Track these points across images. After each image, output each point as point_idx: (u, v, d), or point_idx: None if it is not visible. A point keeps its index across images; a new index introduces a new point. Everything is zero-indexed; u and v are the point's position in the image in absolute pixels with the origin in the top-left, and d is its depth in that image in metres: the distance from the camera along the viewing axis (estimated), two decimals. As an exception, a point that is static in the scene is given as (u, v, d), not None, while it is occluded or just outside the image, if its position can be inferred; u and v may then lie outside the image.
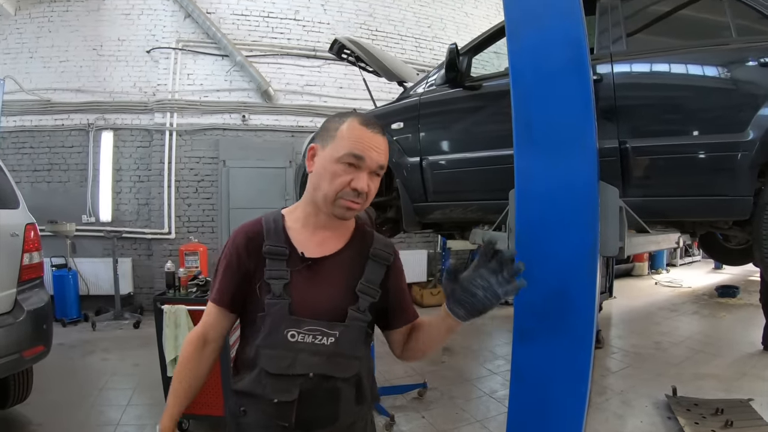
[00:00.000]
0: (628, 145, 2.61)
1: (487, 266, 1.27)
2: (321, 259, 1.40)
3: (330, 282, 1.39)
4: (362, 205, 1.37)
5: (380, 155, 1.35)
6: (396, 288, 1.49)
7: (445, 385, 4.83)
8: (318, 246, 1.41)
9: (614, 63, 2.74)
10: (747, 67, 2.49)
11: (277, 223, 1.43)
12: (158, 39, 8.01)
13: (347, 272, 1.41)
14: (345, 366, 1.37)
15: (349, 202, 1.34)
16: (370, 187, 1.35)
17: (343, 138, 1.34)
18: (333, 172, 1.33)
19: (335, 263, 1.41)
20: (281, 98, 8.40)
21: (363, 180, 1.33)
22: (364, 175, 1.33)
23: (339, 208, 1.35)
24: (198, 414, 3.71)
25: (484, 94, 3.22)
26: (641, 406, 4.26)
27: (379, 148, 1.35)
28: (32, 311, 3.45)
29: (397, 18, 9.14)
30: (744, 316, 7.49)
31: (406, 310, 1.53)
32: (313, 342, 1.33)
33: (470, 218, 3.44)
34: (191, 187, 8.04)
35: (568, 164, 1.91)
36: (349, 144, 1.32)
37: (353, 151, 1.32)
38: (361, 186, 1.32)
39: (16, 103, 7.65)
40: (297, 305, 1.34)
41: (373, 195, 1.39)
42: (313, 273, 1.38)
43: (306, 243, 1.41)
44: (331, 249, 1.43)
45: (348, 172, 1.32)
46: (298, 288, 1.36)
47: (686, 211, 2.66)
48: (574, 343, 1.89)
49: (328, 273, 1.40)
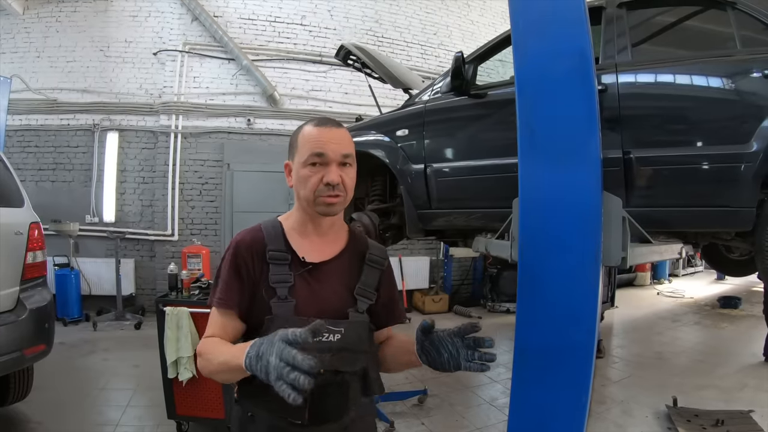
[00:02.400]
0: (632, 156, 2.61)
1: (463, 340, 1.40)
2: (321, 263, 1.46)
3: (330, 285, 1.45)
4: (343, 197, 1.43)
5: (340, 145, 1.41)
6: (387, 291, 1.57)
7: (445, 393, 4.82)
8: (317, 251, 1.48)
9: (619, 73, 2.74)
10: (751, 79, 2.49)
11: (277, 230, 1.48)
12: (165, 41, 8.07)
13: (345, 276, 1.49)
14: (352, 360, 1.41)
15: (327, 198, 1.40)
16: (342, 178, 1.41)
17: (303, 143, 1.43)
18: (304, 176, 1.41)
19: (334, 267, 1.48)
20: (287, 103, 8.43)
21: (332, 173, 1.39)
22: (333, 168, 1.40)
23: (321, 205, 1.42)
24: (197, 417, 3.72)
25: (490, 102, 3.22)
26: (642, 416, 4.25)
27: (336, 140, 1.42)
28: (34, 310, 3.46)
29: (403, 25, 9.18)
30: (746, 327, 7.46)
31: (392, 312, 1.60)
32: (319, 340, 1.34)
33: (473, 226, 3.44)
34: (195, 190, 8.07)
35: (572, 173, 1.91)
36: (308, 146, 1.40)
37: (313, 150, 1.39)
38: (331, 179, 1.38)
39: (23, 102, 7.69)
40: (301, 306, 1.39)
41: (350, 184, 1.45)
42: (314, 277, 1.44)
43: (305, 248, 1.47)
44: (330, 254, 1.49)
45: (317, 171, 1.40)
46: (301, 290, 1.41)
47: (689, 221, 2.65)
48: (576, 353, 1.89)
49: (328, 276, 1.46)
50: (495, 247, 2.83)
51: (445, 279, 9.18)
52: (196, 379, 3.58)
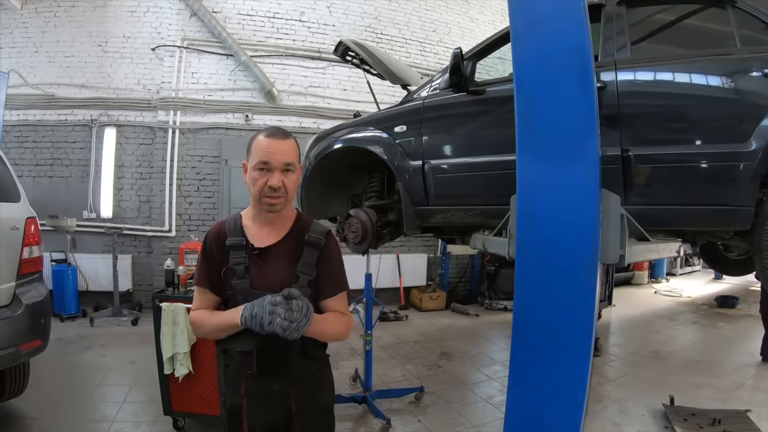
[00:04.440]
0: (631, 153, 2.60)
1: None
2: (267, 247, 1.83)
3: (276, 264, 1.82)
4: (284, 198, 1.78)
5: (283, 155, 1.76)
6: (326, 266, 1.87)
7: (442, 390, 4.83)
8: (264, 237, 1.85)
9: (618, 71, 2.73)
10: (751, 78, 2.47)
11: (236, 222, 1.88)
12: (163, 37, 8.04)
13: (288, 257, 1.83)
14: None
15: (270, 199, 1.76)
16: (284, 183, 1.76)
17: (253, 151, 1.78)
18: (253, 178, 1.77)
19: (279, 250, 1.84)
20: (285, 99, 8.41)
21: (274, 178, 1.74)
22: (276, 174, 1.75)
23: (264, 204, 1.78)
24: (193, 413, 3.71)
25: (488, 99, 3.21)
26: (638, 414, 4.26)
27: (280, 150, 1.76)
28: (31, 305, 3.45)
29: (402, 21, 9.16)
30: (743, 327, 7.49)
31: (329, 285, 1.89)
32: None
33: (471, 223, 3.43)
34: (193, 186, 8.04)
35: (571, 170, 1.91)
36: (256, 154, 1.76)
37: (261, 158, 1.75)
38: (273, 183, 1.74)
39: (20, 97, 7.67)
40: (254, 282, 1.79)
41: (291, 188, 1.80)
42: (262, 259, 1.82)
43: (256, 236, 1.85)
44: (274, 239, 1.85)
45: (263, 176, 1.75)
46: (254, 270, 1.81)
47: (687, 220, 2.64)
48: (573, 351, 1.88)
49: (274, 258, 1.83)
50: (493, 244, 2.82)
51: (443, 276, 9.17)
52: (192, 375, 3.57)
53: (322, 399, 1.93)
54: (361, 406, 4.29)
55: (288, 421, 1.81)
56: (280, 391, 1.79)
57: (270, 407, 1.79)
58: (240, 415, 1.79)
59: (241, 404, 1.79)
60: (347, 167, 4.17)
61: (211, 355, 3.48)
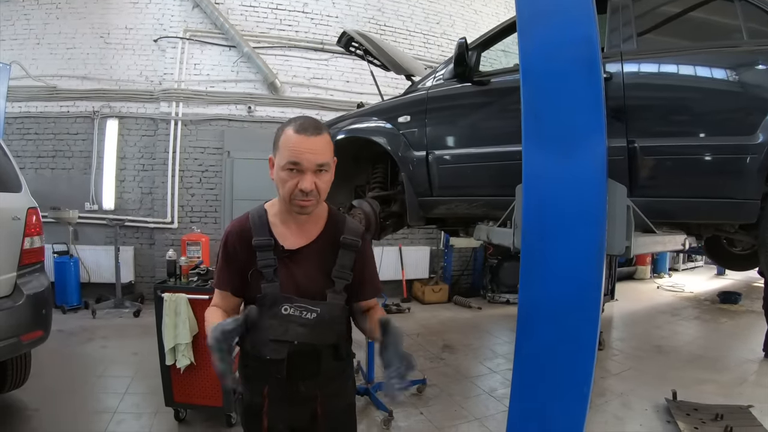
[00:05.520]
0: (637, 145, 2.58)
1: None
2: (298, 249, 1.69)
3: (308, 267, 1.68)
4: (316, 200, 1.61)
5: (316, 156, 1.55)
6: (361, 270, 1.75)
7: (445, 383, 4.82)
8: (295, 237, 1.70)
9: (624, 62, 2.70)
10: (758, 70, 2.46)
11: (262, 219, 1.71)
12: (166, 28, 8.01)
13: (322, 259, 1.70)
14: (325, 335, 1.69)
15: (301, 202, 1.58)
16: (316, 185, 1.57)
17: (283, 147, 1.57)
18: (281, 178, 1.59)
19: (311, 251, 1.70)
20: (288, 90, 8.38)
21: (307, 181, 1.55)
22: (308, 176, 1.55)
23: (295, 206, 1.61)
24: (195, 404, 3.71)
25: (493, 89, 3.19)
26: (641, 409, 4.24)
27: (313, 150, 1.55)
28: (32, 296, 3.43)
29: (406, 13, 9.11)
30: (745, 323, 7.46)
31: (367, 288, 1.80)
32: (300, 315, 1.64)
33: (475, 214, 3.41)
34: (195, 177, 8.04)
35: (577, 160, 1.88)
36: (286, 154, 1.55)
37: (290, 159, 1.54)
38: (305, 186, 1.55)
39: (22, 89, 7.65)
40: (284, 286, 1.65)
41: (324, 189, 1.62)
42: (293, 260, 1.68)
43: (284, 236, 1.69)
44: (306, 240, 1.70)
45: (293, 177, 1.56)
46: (284, 273, 1.66)
47: (693, 212, 2.62)
48: (578, 344, 1.87)
49: (306, 260, 1.69)
50: (497, 235, 2.81)
51: (445, 269, 9.16)
52: (194, 366, 3.57)
53: (347, 399, 1.87)
54: (363, 398, 4.28)
55: (311, 422, 1.74)
56: (307, 393, 1.70)
57: (293, 408, 1.71)
58: (260, 414, 1.71)
59: (262, 404, 1.71)
60: (350, 158, 4.15)
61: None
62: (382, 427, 3.88)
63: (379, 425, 3.93)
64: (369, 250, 1.82)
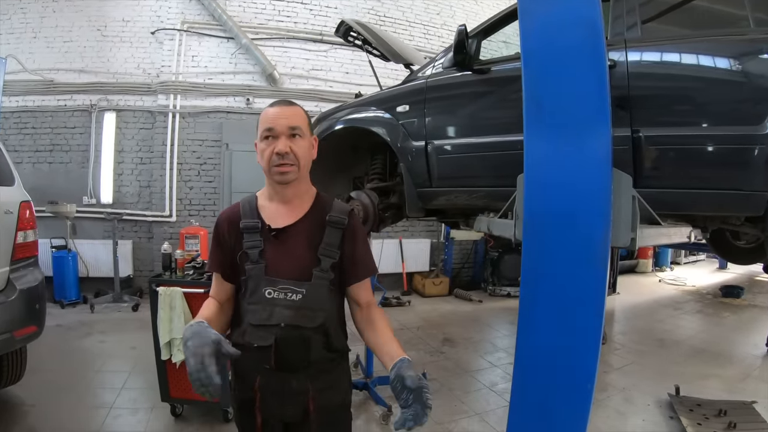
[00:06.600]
0: (641, 134, 2.51)
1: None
2: (284, 228, 1.70)
3: (295, 247, 1.69)
4: (296, 167, 1.66)
5: (287, 119, 1.65)
6: (351, 248, 1.74)
7: (445, 377, 4.78)
8: (282, 217, 1.72)
9: (628, 50, 2.64)
10: (766, 59, 2.39)
11: (251, 203, 1.76)
12: (163, 20, 7.95)
13: (309, 238, 1.70)
14: (311, 317, 1.66)
15: (279, 167, 1.64)
16: (291, 148, 1.64)
17: (260, 123, 1.68)
18: (260, 150, 1.68)
19: (297, 231, 1.71)
20: (286, 82, 8.32)
21: (281, 143, 1.63)
22: (282, 139, 1.63)
23: (276, 174, 1.66)
24: (192, 399, 3.67)
25: (494, 78, 3.11)
26: (643, 404, 4.20)
27: (284, 115, 1.66)
28: (25, 290, 3.40)
29: (405, 4, 9.03)
30: (748, 317, 7.42)
31: (358, 267, 1.77)
32: (285, 298, 1.65)
33: (475, 205, 3.34)
34: (193, 170, 7.99)
35: (581, 148, 1.81)
36: (262, 124, 1.67)
37: (265, 126, 1.65)
38: (279, 149, 1.62)
39: (19, 83, 7.60)
40: (270, 268, 1.66)
41: (301, 155, 1.67)
42: (280, 241, 1.69)
43: (273, 216, 1.72)
44: (293, 219, 1.72)
45: (269, 144, 1.65)
46: (270, 254, 1.68)
47: (699, 204, 2.56)
48: (582, 337, 1.81)
49: (293, 239, 1.70)
50: (498, 227, 2.75)
51: (446, 262, 9.12)
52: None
53: (341, 396, 1.81)
54: (362, 392, 4.25)
55: (304, 417, 1.69)
56: (299, 387, 1.67)
57: (285, 402, 1.67)
58: (253, 410, 1.68)
59: (254, 398, 1.68)
60: (349, 148, 4.09)
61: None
62: (381, 422, 3.85)
63: (377, 420, 3.89)
64: (359, 229, 1.80)
